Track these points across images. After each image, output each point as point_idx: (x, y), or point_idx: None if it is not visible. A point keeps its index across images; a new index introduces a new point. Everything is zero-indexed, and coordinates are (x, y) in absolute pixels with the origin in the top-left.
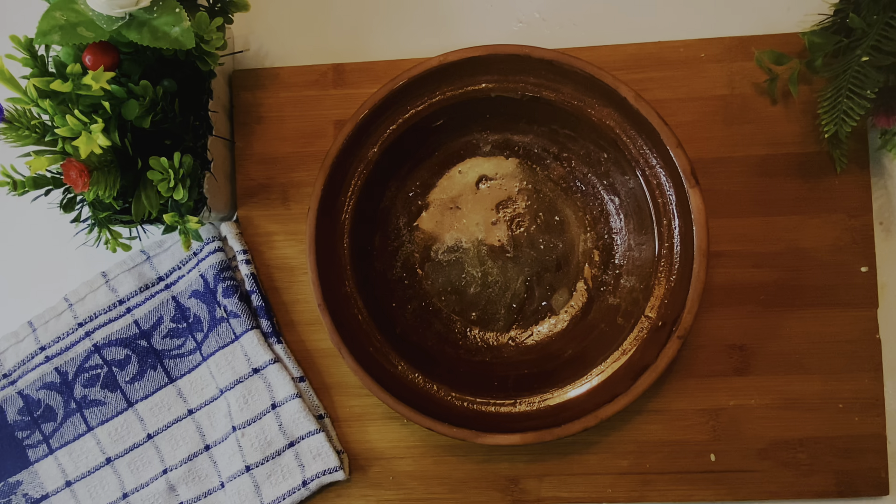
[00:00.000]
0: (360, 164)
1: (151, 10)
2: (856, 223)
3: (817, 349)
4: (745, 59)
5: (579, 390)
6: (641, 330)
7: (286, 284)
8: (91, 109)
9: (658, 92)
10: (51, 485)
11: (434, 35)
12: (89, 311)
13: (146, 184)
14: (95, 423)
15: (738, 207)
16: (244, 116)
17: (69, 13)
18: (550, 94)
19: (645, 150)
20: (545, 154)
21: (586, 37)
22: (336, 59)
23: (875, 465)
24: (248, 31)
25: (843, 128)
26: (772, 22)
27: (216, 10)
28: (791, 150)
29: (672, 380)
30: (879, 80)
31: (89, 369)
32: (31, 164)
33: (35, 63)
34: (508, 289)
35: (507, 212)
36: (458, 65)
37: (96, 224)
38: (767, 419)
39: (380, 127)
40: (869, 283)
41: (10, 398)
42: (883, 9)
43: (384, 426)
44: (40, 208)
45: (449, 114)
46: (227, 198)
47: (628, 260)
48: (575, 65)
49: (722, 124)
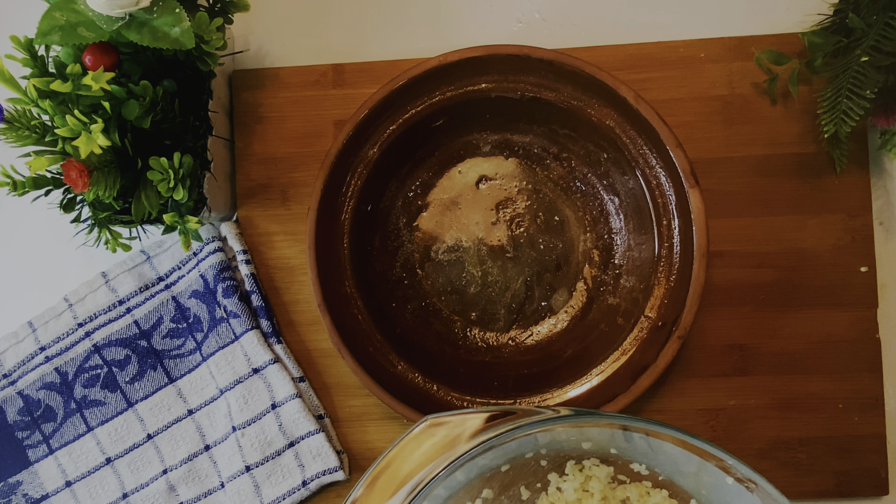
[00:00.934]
0: (360, 164)
1: (151, 10)
2: (856, 223)
3: (817, 349)
4: (745, 59)
5: (579, 390)
6: (641, 330)
7: (286, 284)
8: (91, 109)
9: (658, 92)
10: (51, 485)
11: (434, 35)
12: (89, 311)
13: (146, 184)
14: (95, 423)
15: (738, 207)
16: (244, 116)
17: (69, 13)
18: (550, 95)
19: (645, 150)
20: (545, 154)
21: (586, 37)
22: (336, 59)
23: (875, 465)
24: (248, 31)
25: (842, 128)
26: (772, 22)
27: (216, 10)
28: (791, 150)
29: (672, 380)
30: (879, 80)
31: (89, 369)
32: (31, 164)
33: (35, 63)
34: (508, 289)
35: (507, 212)
36: (457, 65)
37: (96, 224)
38: (767, 419)
39: (380, 127)
40: (869, 283)
41: (10, 398)
42: (882, 9)
43: (384, 426)
44: (40, 208)
45: (449, 114)
46: (227, 198)
47: (628, 260)
48: (575, 65)
49: (722, 124)
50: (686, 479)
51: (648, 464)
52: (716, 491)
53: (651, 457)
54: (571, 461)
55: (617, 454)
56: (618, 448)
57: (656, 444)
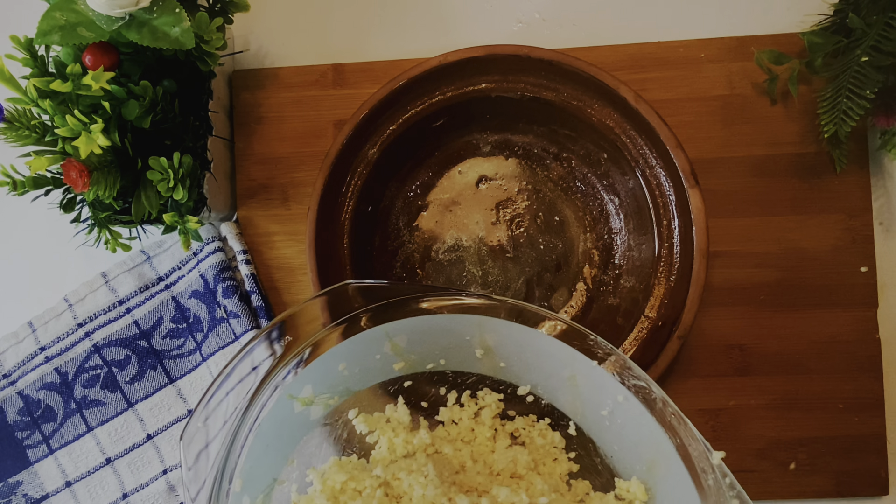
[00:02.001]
0: (360, 164)
1: (151, 10)
2: (856, 223)
3: (817, 349)
4: (745, 59)
5: None
6: (641, 330)
7: (286, 284)
8: (91, 109)
9: (658, 92)
10: (51, 485)
11: (434, 35)
12: (89, 311)
13: (146, 184)
14: (95, 423)
15: (738, 207)
16: (244, 116)
17: (69, 13)
18: (550, 95)
19: (645, 151)
20: (545, 154)
21: (586, 37)
22: (336, 59)
23: (875, 465)
24: (248, 31)
25: (842, 128)
26: (771, 22)
27: (216, 10)
28: (791, 150)
29: (672, 380)
30: (879, 80)
31: (89, 370)
32: (31, 164)
33: (35, 63)
34: (509, 289)
35: (507, 212)
36: (458, 65)
37: (96, 224)
38: (767, 419)
39: (380, 127)
40: (869, 283)
41: (10, 398)
42: (882, 9)
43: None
44: (40, 208)
45: (449, 114)
46: (227, 198)
47: (628, 260)
48: (575, 65)
49: (721, 124)
50: (564, 395)
51: (532, 382)
52: (590, 407)
53: (529, 367)
54: (467, 391)
55: (504, 368)
56: (496, 345)
57: (529, 338)
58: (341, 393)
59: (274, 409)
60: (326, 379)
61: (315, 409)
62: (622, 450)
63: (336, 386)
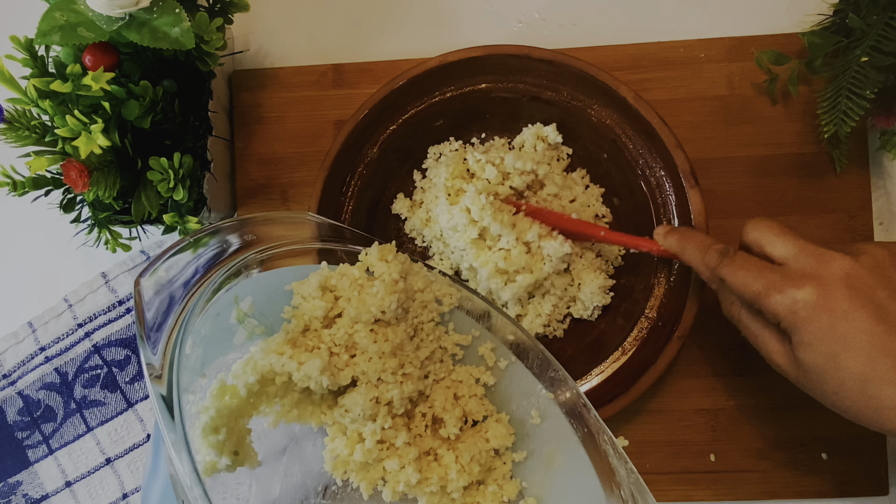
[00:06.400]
0: (360, 164)
1: (151, 10)
2: (856, 223)
3: None
4: (745, 60)
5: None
6: (641, 330)
7: None
8: (91, 110)
9: (658, 92)
10: (51, 485)
11: (434, 35)
12: (89, 311)
13: (146, 184)
14: (95, 423)
15: (738, 207)
16: (244, 117)
17: (69, 13)
18: (550, 95)
19: (645, 151)
20: None
21: (586, 37)
22: (336, 59)
23: (875, 465)
24: (248, 31)
25: (842, 128)
26: (771, 22)
27: (216, 10)
28: (791, 150)
29: (672, 380)
30: (879, 81)
31: (89, 370)
32: (31, 164)
33: (35, 63)
34: None
35: None
36: (457, 65)
37: (96, 224)
38: (767, 419)
39: (380, 127)
40: None
41: (10, 398)
42: (882, 9)
43: None
44: (40, 208)
45: (449, 114)
46: (227, 198)
47: (628, 260)
48: (575, 65)
49: (722, 124)
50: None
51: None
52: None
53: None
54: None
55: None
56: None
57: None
58: (268, 327)
59: (220, 301)
60: (269, 301)
61: (241, 332)
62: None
63: (267, 316)
